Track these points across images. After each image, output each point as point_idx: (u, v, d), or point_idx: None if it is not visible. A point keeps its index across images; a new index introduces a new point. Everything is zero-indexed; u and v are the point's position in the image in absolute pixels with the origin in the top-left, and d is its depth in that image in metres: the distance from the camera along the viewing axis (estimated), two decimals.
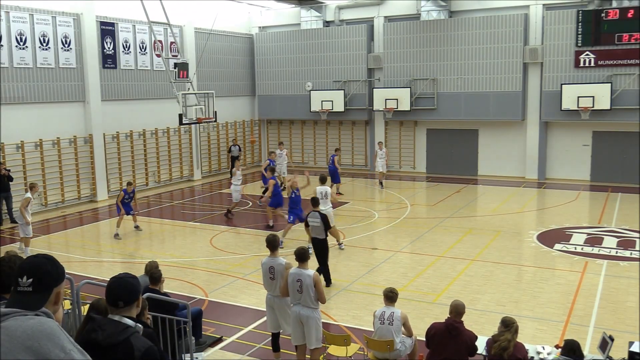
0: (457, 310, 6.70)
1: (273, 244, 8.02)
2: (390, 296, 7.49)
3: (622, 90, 21.09)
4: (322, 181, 14.31)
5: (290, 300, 7.56)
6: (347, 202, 19.44)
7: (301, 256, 7.42)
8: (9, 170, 17.33)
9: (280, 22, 28.18)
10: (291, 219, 14.42)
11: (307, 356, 7.67)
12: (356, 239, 14.85)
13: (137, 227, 16.33)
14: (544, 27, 22.33)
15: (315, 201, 11.91)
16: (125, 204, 15.88)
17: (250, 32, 28.59)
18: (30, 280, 2.67)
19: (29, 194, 13.74)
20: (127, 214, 15.94)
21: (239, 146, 25.11)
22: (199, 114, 18.03)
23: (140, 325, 3.40)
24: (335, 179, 20.13)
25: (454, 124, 24.75)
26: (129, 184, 16.44)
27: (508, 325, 6.27)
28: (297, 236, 14.69)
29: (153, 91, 23.07)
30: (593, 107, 21.21)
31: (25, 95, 18.39)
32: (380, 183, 22.23)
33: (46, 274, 2.72)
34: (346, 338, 7.55)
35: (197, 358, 7.95)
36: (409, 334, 7.56)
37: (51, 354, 2.46)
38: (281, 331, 8.13)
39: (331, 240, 12.98)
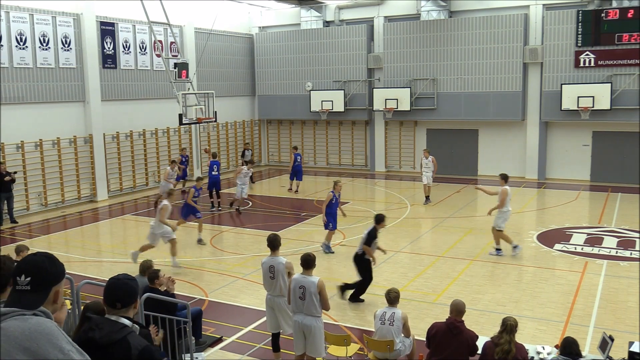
0: (458, 309, 6.69)
1: (274, 244, 8.01)
2: (389, 299, 7.52)
3: (622, 90, 21.08)
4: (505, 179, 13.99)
5: (292, 308, 7.37)
6: (347, 202, 19.43)
7: (306, 263, 7.28)
8: (15, 173, 17.18)
9: (280, 22, 28.18)
10: (330, 226, 13.68)
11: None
12: (356, 239, 14.81)
13: (200, 240, 14.73)
14: (544, 27, 22.32)
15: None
16: (194, 203, 14.64)
17: (250, 32, 28.58)
18: (29, 279, 2.65)
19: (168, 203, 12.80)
20: (196, 216, 14.73)
21: (251, 150, 25.11)
22: (199, 114, 18.04)
23: (137, 326, 3.40)
24: (299, 177, 21.54)
25: (454, 124, 24.74)
26: (199, 179, 15.30)
27: (504, 325, 6.25)
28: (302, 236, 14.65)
29: (153, 91, 23.06)
30: (593, 107, 21.20)
31: (25, 95, 18.38)
32: (427, 197, 19.32)
33: (45, 273, 2.70)
34: (346, 338, 7.54)
35: (197, 358, 7.95)
36: (407, 334, 7.55)
37: (49, 354, 2.45)
38: (281, 331, 8.11)
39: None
